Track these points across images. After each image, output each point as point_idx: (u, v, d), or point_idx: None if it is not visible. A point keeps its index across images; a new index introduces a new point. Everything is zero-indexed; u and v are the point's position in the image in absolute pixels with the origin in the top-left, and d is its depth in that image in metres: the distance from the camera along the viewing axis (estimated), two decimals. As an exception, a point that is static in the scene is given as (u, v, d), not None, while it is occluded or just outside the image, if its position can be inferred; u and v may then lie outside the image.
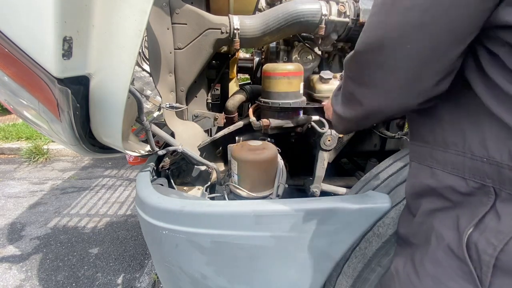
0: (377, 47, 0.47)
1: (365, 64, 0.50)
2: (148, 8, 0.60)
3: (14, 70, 0.62)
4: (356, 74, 0.54)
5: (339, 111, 0.63)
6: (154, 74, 1.07)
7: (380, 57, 0.47)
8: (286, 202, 0.80)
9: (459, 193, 0.49)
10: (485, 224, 0.44)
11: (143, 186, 0.88)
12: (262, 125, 1.15)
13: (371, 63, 0.49)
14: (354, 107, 0.57)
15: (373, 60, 0.49)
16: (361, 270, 0.86)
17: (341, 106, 0.63)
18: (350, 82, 0.57)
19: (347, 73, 0.57)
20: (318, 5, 1.13)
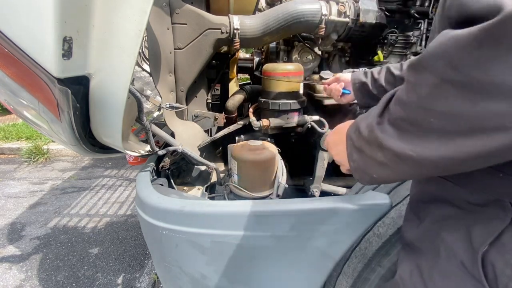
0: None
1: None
2: (148, 8, 0.60)
3: (14, 70, 0.62)
4: (479, 71, 0.31)
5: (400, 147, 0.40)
6: (154, 74, 1.07)
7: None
8: (286, 202, 0.79)
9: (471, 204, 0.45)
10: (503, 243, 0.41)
11: (143, 186, 0.88)
12: (262, 125, 1.15)
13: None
14: (452, 140, 0.35)
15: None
16: (361, 270, 0.86)
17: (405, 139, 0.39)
18: (450, 92, 0.33)
19: (451, 75, 0.33)
20: (318, 5, 1.13)
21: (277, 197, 0.97)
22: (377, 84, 0.88)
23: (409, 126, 0.39)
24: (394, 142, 0.41)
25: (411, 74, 0.38)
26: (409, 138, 0.39)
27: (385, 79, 0.87)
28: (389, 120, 0.42)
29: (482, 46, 0.29)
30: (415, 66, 0.37)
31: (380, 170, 0.46)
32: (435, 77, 0.34)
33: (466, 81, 0.31)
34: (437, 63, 0.34)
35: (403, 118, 0.39)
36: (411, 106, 0.38)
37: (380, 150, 0.44)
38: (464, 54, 0.31)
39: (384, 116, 0.43)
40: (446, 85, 0.33)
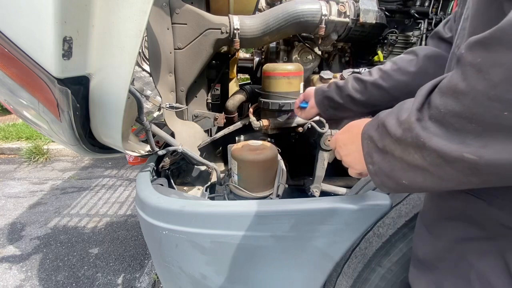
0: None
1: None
2: (148, 8, 0.60)
3: (14, 70, 0.62)
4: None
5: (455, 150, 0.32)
6: (154, 74, 1.07)
7: None
8: (286, 202, 0.79)
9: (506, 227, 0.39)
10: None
11: (143, 186, 0.88)
12: (262, 125, 1.15)
13: None
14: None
15: None
16: (361, 270, 0.86)
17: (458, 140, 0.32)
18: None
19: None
20: (318, 5, 1.13)
21: (277, 197, 0.97)
22: (343, 93, 0.84)
23: (467, 124, 0.31)
24: (441, 142, 0.33)
25: (477, 54, 0.30)
26: (464, 138, 0.31)
27: (352, 87, 0.83)
28: (433, 116, 0.34)
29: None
30: (487, 42, 0.29)
31: (414, 175, 0.38)
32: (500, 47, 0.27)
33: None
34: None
35: (459, 114, 0.31)
36: (475, 96, 0.29)
37: (419, 150, 0.36)
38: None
39: (423, 111, 0.36)
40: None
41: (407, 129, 0.37)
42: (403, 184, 0.41)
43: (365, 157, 0.47)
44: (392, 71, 0.78)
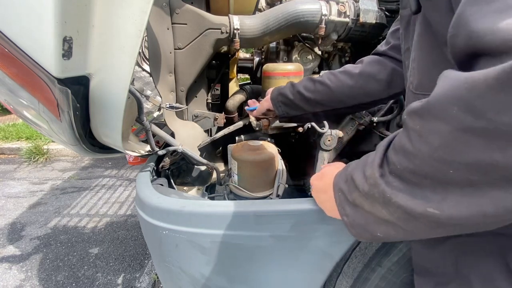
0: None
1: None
2: (148, 8, 0.60)
3: (15, 70, 0.62)
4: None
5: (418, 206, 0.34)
6: (154, 74, 1.07)
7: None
8: (286, 202, 0.79)
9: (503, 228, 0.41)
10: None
11: (143, 186, 0.88)
12: (262, 125, 1.15)
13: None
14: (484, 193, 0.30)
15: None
16: (361, 270, 0.86)
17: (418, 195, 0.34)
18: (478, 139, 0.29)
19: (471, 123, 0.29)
20: (318, 5, 1.13)
21: (277, 197, 0.97)
22: (295, 90, 0.88)
23: (423, 179, 0.33)
24: (405, 198, 0.35)
25: (415, 121, 0.33)
26: (424, 192, 0.33)
27: (303, 85, 0.87)
28: (393, 172, 0.37)
29: (506, 89, 0.26)
30: (420, 112, 0.32)
31: (386, 228, 0.40)
32: (450, 125, 0.30)
33: (491, 128, 0.27)
34: (450, 109, 0.29)
35: (413, 171, 0.34)
36: (422, 157, 0.33)
37: (386, 206, 0.38)
38: (486, 98, 0.27)
39: (385, 167, 0.38)
40: (466, 134, 0.29)
41: (373, 184, 0.39)
42: (378, 236, 0.42)
43: (339, 208, 0.48)
44: (339, 73, 0.85)
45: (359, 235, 0.46)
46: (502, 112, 0.27)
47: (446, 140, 0.30)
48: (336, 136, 1.11)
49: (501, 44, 0.27)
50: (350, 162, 0.47)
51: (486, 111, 0.27)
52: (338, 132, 1.11)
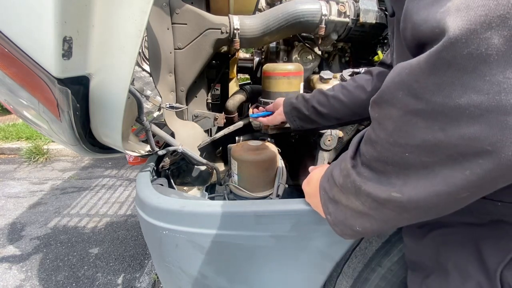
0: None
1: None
2: (148, 8, 0.60)
3: (15, 70, 0.62)
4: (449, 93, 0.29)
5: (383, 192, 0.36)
6: (154, 74, 1.07)
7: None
8: (286, 202, 0.79)
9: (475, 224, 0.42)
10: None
11: (143, 186, 0.88)
12: (262, 125, 1.15)
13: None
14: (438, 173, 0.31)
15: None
16: (361, 270, 0.86)
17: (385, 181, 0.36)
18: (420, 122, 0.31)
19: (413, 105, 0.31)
20: (318, 5, 1.13)
21: (277, 197, 0.97)
22: (309, 105, 0.88)
23: (386, 166, 0.36)
24: (373, 186, 0.37)
25: (374, 110, 0.36)
26: (389, 178, 0.36)
27: (317, 100, 0.87)
28: (363, 162, 0.39)
29: (436, 71, 0.28)
30: (377, 101, 0.36)
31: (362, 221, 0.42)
32: (398, 109, 0.32)
33: (430, 109, 0.30)
34: (397, 94, 0.32)
35: (377, 158, 0.37)
36: (381, 143, 0.35)
37: (358, 197, 0.40)
38: (421, 81, 0.30)
39: (357, 158, 0.41)
40: (411, 116, 0.31)
41: (346, 176, 0.42)
42: (358, 231, 0.44)
43: (323, 208, 0.50)
44: (352, 88, 0.85)
45: (342, 232, 0.48)
46: (436, 93, 0.29)
47: (398, 124, 0.33)
48: (336, 136, 1.11)
49: (430, 32, 0.29)
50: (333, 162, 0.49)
51: (423, 93, 0.30)
52: (338, 132, 1.11)
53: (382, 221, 0.40)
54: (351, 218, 0.43)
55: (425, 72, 0.29)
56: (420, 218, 0.37)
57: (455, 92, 0.28)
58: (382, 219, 0.39)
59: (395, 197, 0.35)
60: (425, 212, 0.35)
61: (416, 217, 0.37)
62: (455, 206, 0.34)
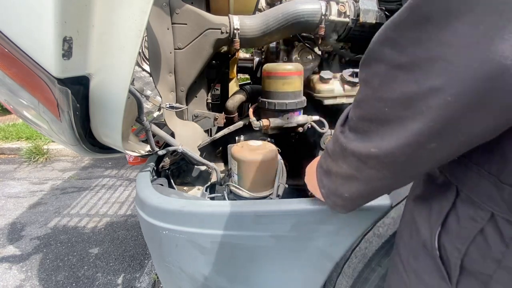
0: None
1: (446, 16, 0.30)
2: (148, 8, 0.60)
3: (15, 70, 0.62)
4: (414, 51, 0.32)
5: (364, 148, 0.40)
6: (154, 74, 1.07)
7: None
8: (286, 202, 0.79)
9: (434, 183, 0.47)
10: (449, 226, 0.43)
11: (143, 186, 0.88)
12: (262, 125, 1.15)
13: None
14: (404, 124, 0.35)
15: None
16: (361, 270, 0.86)
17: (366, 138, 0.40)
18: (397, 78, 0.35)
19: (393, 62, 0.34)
20: (318, 5, 1.13)
21: (277, 197, 0.97)
22: None
23: (369, 124, 0.39)
24: (356, 145, 0.41)
25: (363, 71, 0.39)
26: (370, 136, 0.39)
27: None
28: (351, 127, 0.43)
29: (416, 25, 0.31)
30: (365, 61, 0.38)
31: (349, 186, 0.46)
32: (385, 64, 0.35)
33: (410, 62, 0.32)
34: (384, 50, 0.35)
35: (362, 117, 0.40)
36: (367, 101, 0.39)
37: (344, 159, 0.44)
38: (404, 35, 0.32)
39: (345, 125, 0.45)
40: (395, 70, 0.34)
41: (335, 141, 0.46)
42: (346, 197, 0.48)
43: (318, 183, 0.54)
44: None
45: (333, 203, 0.53)
46: (417, 45, 0.31)
47: (383, 79, 0.35)
48: (336, 136, 1.11)
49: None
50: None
51: (406, 47, 0.32)
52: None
53: (365, 182, 0.43)
54: (340, 186, 0.48)
55: (406, 25, 0.32)
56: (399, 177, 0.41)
57: (431, 45, 0.30)
58: (365, 180, 0.43)
59: (374, 152, 0.38)
60: (402, 168, 0.38)
61: (395, 174, 0.40)
62: (428, 160, 0.36)
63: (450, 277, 0.43)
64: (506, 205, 0.36)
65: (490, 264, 0.38)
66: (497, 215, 0.37)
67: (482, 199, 0.38)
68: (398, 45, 0.33)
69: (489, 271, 0.39)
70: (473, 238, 0.40)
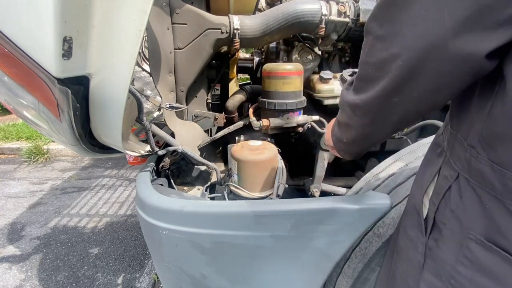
0: None
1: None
2: (148, 8, 0.60)
3: (14, 70, 0.62)
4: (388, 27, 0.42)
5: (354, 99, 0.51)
6: (154, 74, 1.07)
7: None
8: (286, 202, 0.79)
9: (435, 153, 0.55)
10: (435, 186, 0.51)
11: (143, 186, 0.88)
12: (262, 125, 1.15)
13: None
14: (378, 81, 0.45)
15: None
16: (361, 270, 0.86)
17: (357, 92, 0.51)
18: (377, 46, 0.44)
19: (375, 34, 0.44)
20: (318, 5, 1.13)
21: (277, 197, 0.97)
22: None
23: (361, 82, 0.50)
24: (350, 97, 0.52)
25: (364, 39, 0.48)
26: (359, 91, 0.50)
27: None
28: (353, 85, 0.53)
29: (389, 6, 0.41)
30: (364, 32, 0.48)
31: (346, 132, 0.58)
32: (372, 35, 0.45)
33: (384, 35, 0.42)
34: (372, 24, 0.45)
35: (358, 77, 0.50)
36: (361, 64, 0.49)
37: (343, 109, 0.56)
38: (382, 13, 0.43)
39: (351, 83, 0.55)
40: (376, 40, 0.44)
41: (341, 96, 0.58)
42: (345, 142, 0.61)
43: (332, 132, 0.66)
44: None
45: (338, 148, 0.65)
46: (388, 22, 0.41)
47: (369, 47, 0.46)
48: (336, 136, 1.11)
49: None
50: None
51: (384, 22, 0.42)
52: (327, 132, 1.11)
53: (355, 128, 0.55)
54: (343, 132, 0.59)
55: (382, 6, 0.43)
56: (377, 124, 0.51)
57: (395, 23, 0.40)
58: (355, 126, 0.55)
59: (357, 102, 0.50)
60: (376, 116, 0.50)
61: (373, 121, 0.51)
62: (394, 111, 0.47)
63: (426, 230, 0.51)
64: (467, 165, 0.43)
65: (448, 214, 0.46)
66: (461, 175, 0.45)
67: (455, 160, 0.46)
68: (379, 21, 0.43)
69: (445, 220, 0.47)
70: (443, 194, 0.47)
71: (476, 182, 0.42)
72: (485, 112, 0.40)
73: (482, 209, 0.41)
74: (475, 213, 0.42)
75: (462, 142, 0.45)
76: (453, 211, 0.45)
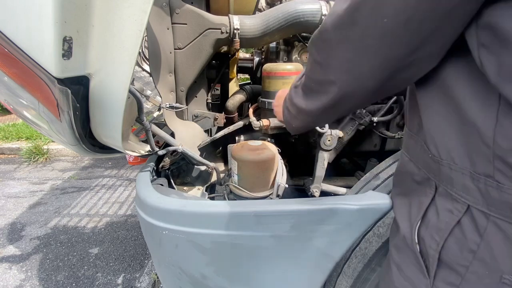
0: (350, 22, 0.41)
1: (334, 44, 0.45)
2: (148, 8, 0.60)
3: (14, 70, 0.62)
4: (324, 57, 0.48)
5: (301, 103, 0.59)
6: (154, 74, 1.07)
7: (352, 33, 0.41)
8: (286, 202, 0.79)
9: (414, 181, 0.54)
10: (428, 219, 0.47)
11: (143, 186, 0.88)
12: (262, 125, 1.15)
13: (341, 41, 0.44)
14: (319, 97, 0.53)
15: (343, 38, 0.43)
16: (361, 270, 0.86)
17: (303, 98, 0.58)
18: (317, 68, 0.51)
19: (314, 58, 0.51)
20: (318, 5, 1.13)
21: (277, 197, 0.97)
22: None
23: (308, 90, 0.57)
24: (298, 100, 0.60)
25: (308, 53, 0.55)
26: (304, 97, 0.58)
27: None
28: (300, 86, 0.60)
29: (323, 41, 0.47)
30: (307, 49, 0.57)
31: (295, 121, 0.66)
32: (311, 57, 0.52)
33: (320, 61, 0.49)
34: (312, 48, 0.51)
35: (304, 84, 0.58)
36: (306, 76, 0.56)
37: (292, 106, 0.64)
38: (318, 43, 0.49)
39: (299, 82, 0.61)
40: (315, 64, 0.51)
41: (290, 91, 0.65)
42: (294, 127, 0.69)
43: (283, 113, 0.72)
44: None
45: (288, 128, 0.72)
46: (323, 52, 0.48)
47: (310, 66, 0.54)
48: (336, 136, 1.11)
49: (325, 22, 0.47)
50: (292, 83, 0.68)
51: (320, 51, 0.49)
52: (338, 132, 1.11)
53: (301, 120, 0.64)
54: (291, 119, 0.67)
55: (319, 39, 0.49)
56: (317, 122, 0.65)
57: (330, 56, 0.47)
58: (301, 120, 0.64)
59: (303, 108, 0.59)
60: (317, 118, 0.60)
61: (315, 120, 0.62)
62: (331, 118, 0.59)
63: (428, 270, 0.46)
64: (482, 197, 0.38)
65: (467, 255, 0.41)
66: (472, 207, 0.40)
67: (458, 191, 0.42)
68: (317, 48, 0.50)
69: (465, 262, 0.41)
70: (451, 230, 0.43)
71: (501, 216, 0.37)
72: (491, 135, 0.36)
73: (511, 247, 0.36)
74: (503, 253, 0.37)
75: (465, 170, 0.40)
76: (474, 251, 0.40)
